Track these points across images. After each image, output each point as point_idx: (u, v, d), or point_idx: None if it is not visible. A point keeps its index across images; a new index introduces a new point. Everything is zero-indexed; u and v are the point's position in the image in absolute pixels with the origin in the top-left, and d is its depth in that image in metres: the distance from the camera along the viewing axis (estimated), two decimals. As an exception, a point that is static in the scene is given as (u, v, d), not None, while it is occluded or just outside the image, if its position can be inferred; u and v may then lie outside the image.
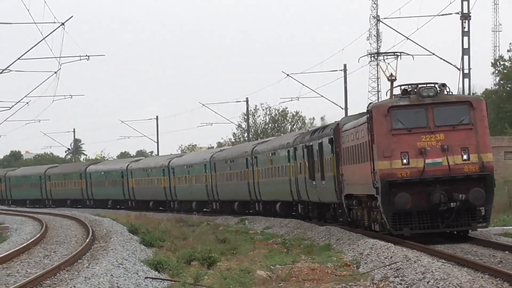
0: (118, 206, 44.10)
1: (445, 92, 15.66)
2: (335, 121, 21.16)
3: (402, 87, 16.04)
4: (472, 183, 14.74)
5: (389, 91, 17.30)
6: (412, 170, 14.43)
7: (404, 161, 14.22)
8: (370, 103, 17.52)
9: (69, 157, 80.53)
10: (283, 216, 27.22)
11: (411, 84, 16.01)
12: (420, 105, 14.87)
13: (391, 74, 17.37)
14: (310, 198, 24.00)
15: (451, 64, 27.15)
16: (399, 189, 14.28)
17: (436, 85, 15.51)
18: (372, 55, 20.05)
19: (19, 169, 62.15)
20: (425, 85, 15.30)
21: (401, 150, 14.31)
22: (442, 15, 26.35)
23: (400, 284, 8.82)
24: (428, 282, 7.85)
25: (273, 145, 29.68)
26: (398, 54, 17.98)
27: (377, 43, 52.64)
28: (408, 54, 18.17)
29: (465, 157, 14.67)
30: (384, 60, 17.81)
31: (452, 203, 14.30)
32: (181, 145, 74.92)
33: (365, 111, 16.31)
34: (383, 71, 17.56)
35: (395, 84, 16.86)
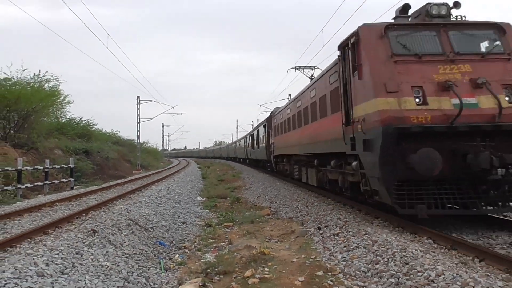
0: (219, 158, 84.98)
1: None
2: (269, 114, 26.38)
3: (404, 3, 9.51)
4: None
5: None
6: (434, 113, 7.59)
7: (417, 100, 7.69)
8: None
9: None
10: (242, 163, 49.80)
11: None
12: (431, 26, 8.70)
13: (312, 75, 22.85)
14: (252, 157, 37.45)
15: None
16: (415, 142, 7.44)
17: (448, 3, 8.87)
18: (296, 67, 24.71)
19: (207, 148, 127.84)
20: (434, 2, 9.08)
21: (412, 84, 7.81)
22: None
23: (249, 178, 25.90)
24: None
25: (240, 138, 53.01)
26: (313, 67, 24.05)
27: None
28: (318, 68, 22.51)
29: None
30: (304, 70, 23.92)
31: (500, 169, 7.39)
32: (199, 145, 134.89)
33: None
34: (305, 74, 23.71)
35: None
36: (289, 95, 41.31)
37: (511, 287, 4.39)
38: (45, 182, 17.67)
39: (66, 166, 20.29)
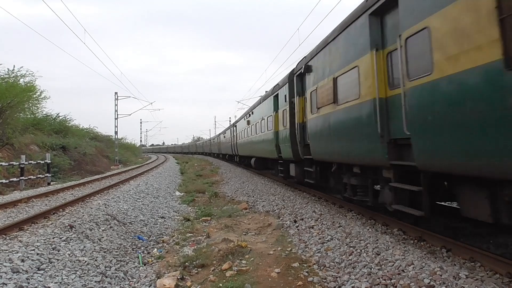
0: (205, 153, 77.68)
1: None
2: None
3: None
4: None
5: None
6: None
7: None
8: None
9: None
10: (225, 160, 44.10)
11: None
12: None
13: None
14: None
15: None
16: None
17: None
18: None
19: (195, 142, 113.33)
20: None
21: None
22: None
23: (225, 173, 23.90)
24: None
25: (243, 114, 42.68)
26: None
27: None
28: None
29: None
30: None
31: None
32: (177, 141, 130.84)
33: None
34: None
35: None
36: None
37: (476, 275, 4.45)
38: (21, 178, 17.14)
39: (43, 162, 19.86)
